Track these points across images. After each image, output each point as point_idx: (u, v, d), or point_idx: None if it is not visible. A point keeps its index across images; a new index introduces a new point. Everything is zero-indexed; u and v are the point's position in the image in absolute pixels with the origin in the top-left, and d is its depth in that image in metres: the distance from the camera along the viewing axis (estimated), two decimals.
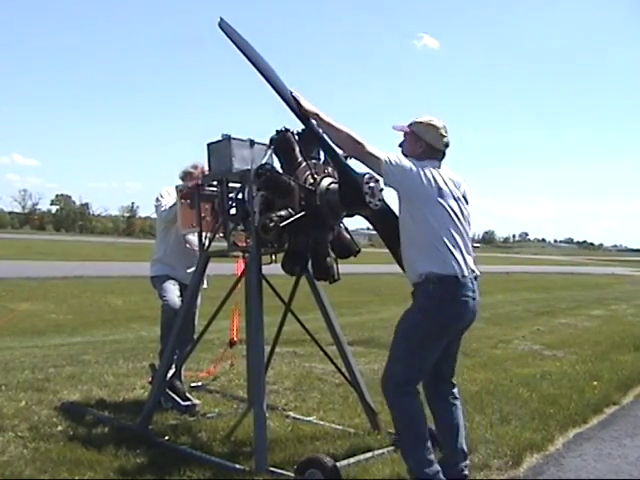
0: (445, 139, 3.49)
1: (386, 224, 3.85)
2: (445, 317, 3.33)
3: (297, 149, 3.84)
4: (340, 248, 4.01)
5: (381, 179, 3.45)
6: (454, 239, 3.33)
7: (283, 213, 3.67)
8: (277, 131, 3.88)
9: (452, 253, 3.30)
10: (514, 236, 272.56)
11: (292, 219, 3.65)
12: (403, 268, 3.60)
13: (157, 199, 5.25)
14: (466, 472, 3.47)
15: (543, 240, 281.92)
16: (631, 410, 5.54)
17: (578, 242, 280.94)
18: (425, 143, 3.45)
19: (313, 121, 3.63)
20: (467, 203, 3.52)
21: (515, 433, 4.43)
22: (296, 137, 3.87)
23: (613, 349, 8.61)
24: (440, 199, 3.34)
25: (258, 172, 3.76)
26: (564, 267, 64.60)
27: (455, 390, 3.57)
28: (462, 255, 3.34)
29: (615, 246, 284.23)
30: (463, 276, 3.30)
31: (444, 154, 3.52)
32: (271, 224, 3.61)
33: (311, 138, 3.79)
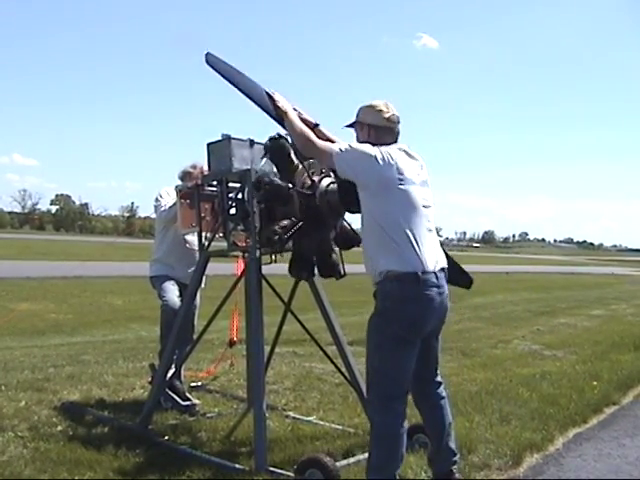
0: (387, 114, 3.30)
1: None
2: (408, 318, 3.08)
3: (292, 152, 3.85)
4: (343, 240, 4.02)
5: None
6: (416, 230, 3.11)
7: (286, 223, 3.69)
8: (270, 138, 3.87)
9: (412, 247, 3.07)
10: (514, 236, 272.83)
11: (295, 228, 3.68)
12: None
13: (156, 199, 5.25)
14: (454, 468, 3.40)
15: (543, 240, 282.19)
16: (631, 410, 5.53)
17: (578, 242, 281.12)
18: (368, 126, 3.33)
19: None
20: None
21: (515, 433, 4.42)
22: (289, 140, 3.87)
23: (613, 349, 8.60)
24: (401, 185, 3.13)
25: (257, 185, 3.76)
26: (564, 267, 64.64)
27: (440, 389, 3.43)
28: (425, 248, 3.11)
29: (615, 246, 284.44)
30: (424, 272, 3.05)
31: (397, 132, 3.35)
32: (276, 237, 3.64)
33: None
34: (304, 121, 3.61)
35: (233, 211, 4.24)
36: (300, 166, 3.82)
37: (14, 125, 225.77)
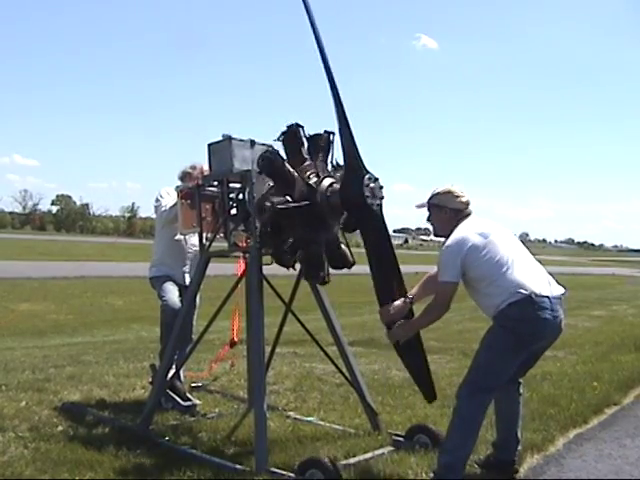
0: (464, 199, 3.71)
1: (378, 251, 3.88)
2: (523, 335, 3.46)
3: (305, 146, 3.87)
4: (336, 260, 4.04)
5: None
6: (518, 265, 3.51)
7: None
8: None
9: (521, 277, 3.46)
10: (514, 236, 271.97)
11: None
12: (380, 299, 3.84)
13: (157, 199, 5.22)
14: (517, 457, 3.80)
15: (544, 240, 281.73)
16: (631, 410, 5.53)
17: (578, 242, 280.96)
18: (448, 209, 3.70)
19: None
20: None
21: None
22: (307, 135, 3.90)
23: (613, 349, 8.60)
24: (486, 239, 3.53)
25: (262, 155, 3.76)
26: (565, 267, 64.50)
27: (521, 387, 3.81)
28: (532, 276, 3.52)
29: (615, 246, 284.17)
30: (537, 295, 3.43)
31: (469, 212, 3.73)
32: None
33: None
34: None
35: (234, 211, 4.24)
36: (309, 161, 3.85)
37: (14, 125, 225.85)
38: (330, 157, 4.01)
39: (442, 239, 3.72)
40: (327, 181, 3.82)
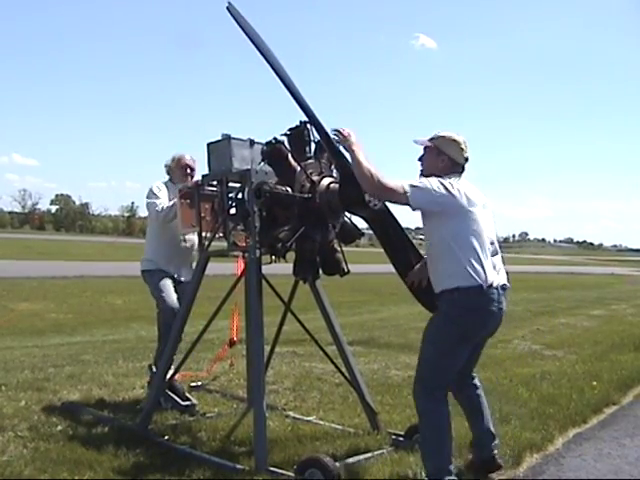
0: (465, 154, 3.53)
1: (384, 226, 3.87)
2: (468, 325, 3.39)
3: (290, 156, 3.86)
4: (345, 235, 4.04)
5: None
6: (483, 250, 3.37)
7: (287, 228, 3.72)
8: (267, 143, 3.87)
9: (481, 264, 3.33)
10: (514, 236, 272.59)
11: (297, 234, 3.70)
12: (400, 272, 3.69)
13: (149, 195, 5.10)
14: (495, 451, 3.66)
15: (543, 240, 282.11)
16: (631, 410, 5.53)
17: (578, 242, 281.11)
18: (447, 157, 3.49)
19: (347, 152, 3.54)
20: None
21: (515, 433, 4.42)
22: (286, 144, 3.88)
23: (613, 349, 8.60)
24: (471, 208, 3.37)
25: (257, 194, 3.77)
26: (564, 267, 64.60)
27: (476, 380, 3.75)
28: (489, 266, 3.38)
29: (615, 246, 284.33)
30: (489, 286, 3.34)
31: (464, 168, 3.56)
32: (279, 244, 3.70)
33: (299, 136, 3.87)
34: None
35: (233, 211, 4.24)
36: (298, 169, 3.82)
37: (13, 125, 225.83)
38: None
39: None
40: (326, 181, 3.83)
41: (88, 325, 11.82)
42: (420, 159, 3.62)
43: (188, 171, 5.18)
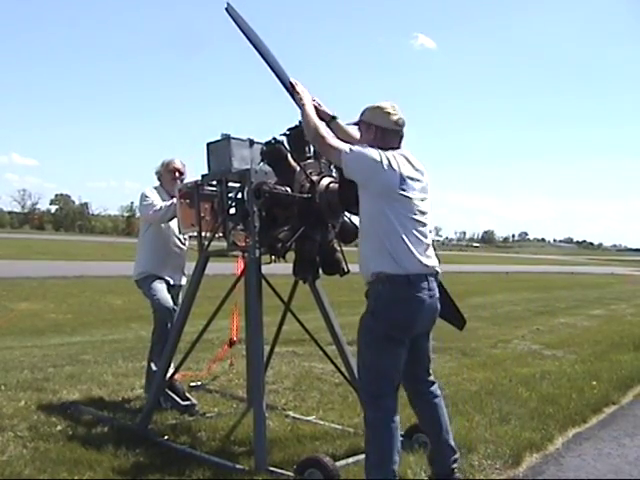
0: (394, 117, 3.30)
1: None
2: (397, 318, 3.16)
3: (289, 156, 3.86)
4: (344, 234, 4.04)
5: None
6: (410, 235, 3.17)
7: (287, 228, 3.72)
8: (266, 143, 3.88)
9: (405, 250, 3.14)
10: (514, 236, 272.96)
11: (297, 234, 3.70)
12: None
13: (143, 199, 5.09)
14: (454, 466, 3.39)
15: (543, 240, 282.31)
16: (630, 410, 5.54)
17: (578, 242, 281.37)
18: (374, 127, 3.32)
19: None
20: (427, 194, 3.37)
21: (515, 433, 4.42)
22: (285, 144, 3.88)
23: (612, 349, 8.60)
24: (402, 191, 3.17)
25: (257, 194, 3.77)
26: (564, 267, 64.64)
27: (434, 387, 3.45)
28: (418, 252, 3.17)
29: (615, 246, 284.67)
30: (416, 275, 3.14)
31: (401, 135, 3.35)
32: (279, 244, 3.68)
33: (298, 136, 3.83)
34: (321, 113, 3.65)
35: (233, 211, 4.24)
36: (298, 169, 3.83)
37: (13, 125, 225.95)
38: None
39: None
40: (325, 181, 3.83)
41: (88, 325, 11.82)
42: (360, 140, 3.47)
43: (177, 175, 5.18)
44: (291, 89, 3.70)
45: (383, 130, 3.31)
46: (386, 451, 3.14)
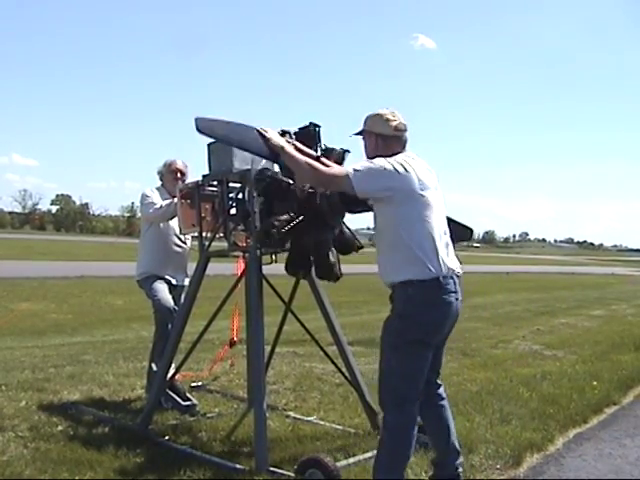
0: (394, 123, 3.27)
1: None
2: (429, 321, 3.13)
3: (283, 180, 3.85)
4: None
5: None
6: (436, 236, 3.13)
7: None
8: (255, 179, 3.86)
9: (434, 253, 3.10)
10: (514, 236, 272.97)
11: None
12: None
13: (143, 199, 5.11)
14: (460, 470, 3.41)
15: (543, 240, 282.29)
16: (631, 410, 5.53)
17: (578, 242, 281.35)
18: (376, 135, 3.30)
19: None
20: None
21: (515, 433, 4.42)
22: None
23: (613, 349, 8.60)
24: (421, 191, 3.13)
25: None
26: (564, 267, 64.61)
27: (441, 390, 3.46)
28: (442, 253, 3.14)
29: (615, 246, 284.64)
30: (444, 277, 3.10)
31: (404, 140, 3.33)
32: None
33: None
34: (304, 153, 3.50)
35: (233, 211, 4.24)
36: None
37: (13, 125, 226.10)
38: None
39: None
40: None
41: (88, 325, 11.82)
42: (365, 149, 3.43)
43: (179, 175, 5.19)
44: (261, 138, 3.48)
45: (384, 137, 3.29)
46: (400, 456, 3.15)
